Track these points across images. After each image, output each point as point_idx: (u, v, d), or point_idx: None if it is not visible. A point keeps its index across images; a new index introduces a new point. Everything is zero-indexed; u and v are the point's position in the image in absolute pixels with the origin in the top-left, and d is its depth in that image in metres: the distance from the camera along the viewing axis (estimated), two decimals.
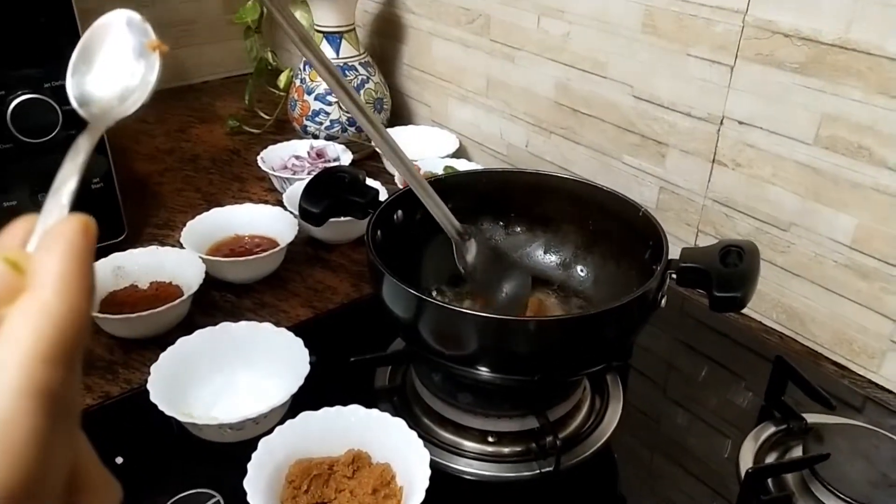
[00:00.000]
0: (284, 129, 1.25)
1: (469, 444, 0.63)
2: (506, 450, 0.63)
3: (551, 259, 0.77)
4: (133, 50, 0.30)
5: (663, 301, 0.60)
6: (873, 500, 0.54)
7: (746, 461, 0.62)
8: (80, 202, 0.25)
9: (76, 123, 0.79)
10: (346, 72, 1.14)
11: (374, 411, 0.60)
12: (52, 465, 0.21)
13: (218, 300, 0.83)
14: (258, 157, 1.07)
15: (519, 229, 0.78)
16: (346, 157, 1.09)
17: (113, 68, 0.30)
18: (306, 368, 0.64)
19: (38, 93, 0.77)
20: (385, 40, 1.29)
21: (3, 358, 0.20)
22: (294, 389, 0.63)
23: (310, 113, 1.15)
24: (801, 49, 0.71)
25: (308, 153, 1.10)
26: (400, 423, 0.58)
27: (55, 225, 0.23)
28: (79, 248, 0.23)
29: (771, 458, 0.62)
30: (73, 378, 0.22)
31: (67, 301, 0.22)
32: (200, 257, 0.81)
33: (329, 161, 1.09)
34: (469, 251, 0.62)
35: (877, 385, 0.73)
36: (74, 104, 0.29)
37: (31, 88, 0.77)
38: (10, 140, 0.77)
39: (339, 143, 1.13)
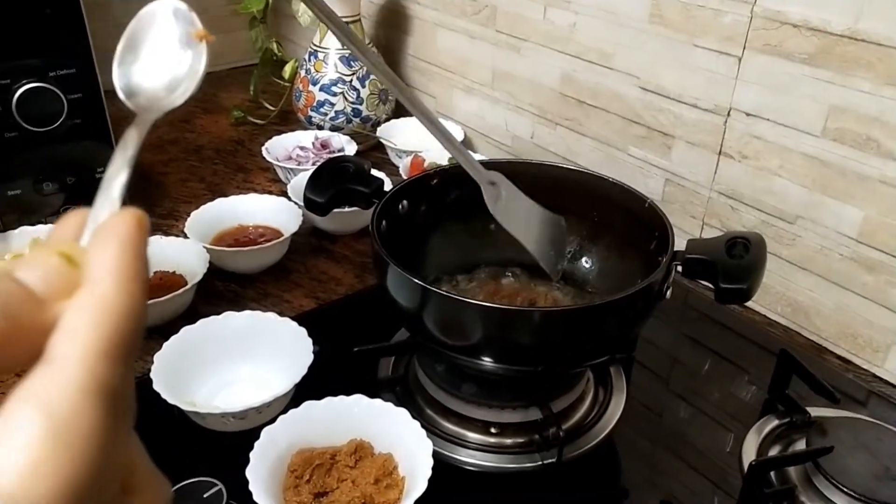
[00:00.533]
0: (289, 120, 1.24)
1: (472, 435, 0.63)
2: (508, 441, 0.63)
3: None
4: (179, 39, 0.29)
5: (669, 292, 0.60)
6: (876, 493, 0.54)
7: (749, 454, 0.61)
8: (85, 190, 0.24)
9: (81, 112, 0.80)
10: (352, 62, 1.14)
11: (377, 401, 0.60)
12: (113, 463, 0.21)
13: (222, 290, 0.83)
14: (263, 148, 1.06)
15: None
16: (351, 148, 1.09)
17: (160, 58, 0.29)
18: (309, 358, 0.64)
19: (43, 82, 0.77)
20: (390, 31, 1.29)
21: (64, 353, 0.20)
22: (297, 379, 0.63)
23: (315, 104, 1.14)
24: (809, 40, 0.70)
25: (313, 144, 1.10)
26: (403, 414, 0.58)
27: (109, 219, 0.23)
28: (135, 242, 0.22)
29: (774, 452, 0.62)
30: (130, 374, 0.22)
31: (125, 295, 0.21)
32: (204, 247, 0.80)
33: (333, 151, 1.09)
34: (500, 197, 0.61)
35: (881, 379, 0.73)
36: (121, 95, 0.28)
37: (37, 77, 0.77)
38: (16, 128, 0.78)
39: (344, 133, 1.13)
